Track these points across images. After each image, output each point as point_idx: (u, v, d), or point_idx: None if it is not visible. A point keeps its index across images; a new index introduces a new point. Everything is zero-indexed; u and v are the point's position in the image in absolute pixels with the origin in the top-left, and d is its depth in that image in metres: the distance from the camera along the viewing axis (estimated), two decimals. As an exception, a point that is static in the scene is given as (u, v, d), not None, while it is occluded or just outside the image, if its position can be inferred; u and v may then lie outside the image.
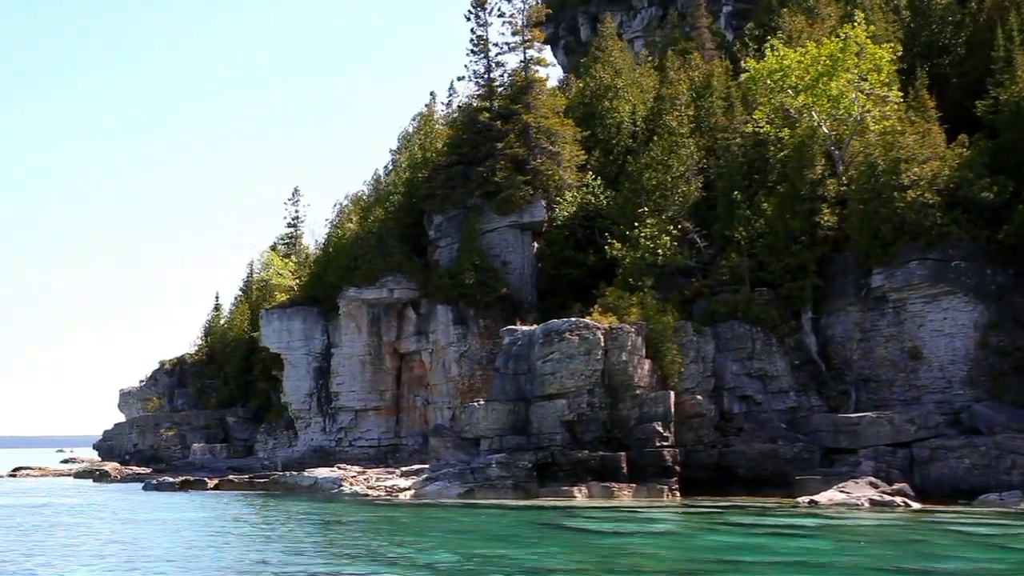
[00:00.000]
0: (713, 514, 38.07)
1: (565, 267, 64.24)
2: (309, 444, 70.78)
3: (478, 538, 31.99)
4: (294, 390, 71.31)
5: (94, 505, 49.50)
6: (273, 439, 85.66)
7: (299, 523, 37.07)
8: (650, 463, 47.10)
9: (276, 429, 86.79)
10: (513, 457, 47.48)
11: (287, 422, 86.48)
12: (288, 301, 72.70)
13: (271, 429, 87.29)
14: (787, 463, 47.31)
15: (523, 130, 66.06)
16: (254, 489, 57.01)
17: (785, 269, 52.98)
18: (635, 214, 58.44)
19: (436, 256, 67.52)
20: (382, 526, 36.15)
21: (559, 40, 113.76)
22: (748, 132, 58.78)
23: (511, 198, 64.70)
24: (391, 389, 68.62)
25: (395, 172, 72.39)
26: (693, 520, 36.23)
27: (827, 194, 53.17)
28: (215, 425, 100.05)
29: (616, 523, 35.19)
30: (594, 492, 45.93)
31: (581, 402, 47.80)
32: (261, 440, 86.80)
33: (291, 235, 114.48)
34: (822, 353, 53.07)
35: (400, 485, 48.45)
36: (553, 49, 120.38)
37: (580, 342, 47.70)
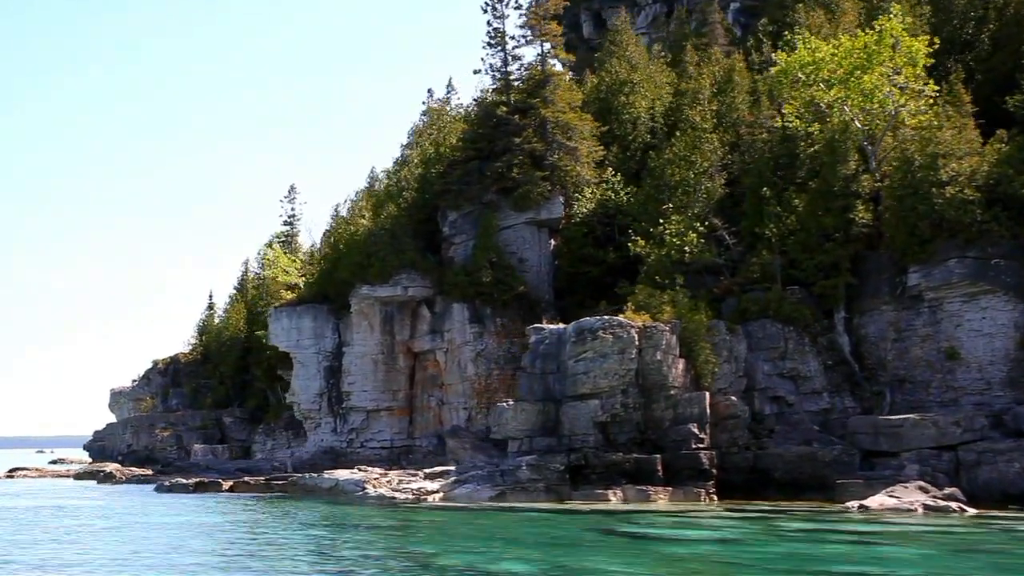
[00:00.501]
0: (766, 519, 36.72)
1: (583, 265, 62.82)
2: (319, 445, 69.19)
3: (541, 545, 30.47)
4: (303, 389, 69.68)
5: (114, 508, 47.76)
6: (272, 440, 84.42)
7: (345, 529, 35.35)
8: (686, 466, 45.76)
9: (275, 430, 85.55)
10: (544, 459, 46.13)
11: (286, 422, 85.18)
12: (297, 299, 70.92)
13: (270, 430, 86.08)
14: (825, 466, 46.02)
15: (540, 125, 64.56)
16: (271, 491, 55.42)
17: (818, 267, 51.70)
18: (658, 211, 57.07)
19: (451, 253, 66.02)
20: (430, 532, 34.55)
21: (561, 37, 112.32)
22: (775, 127, 57.40)
23: (528, 194, 63.28)
24: (404, 389, 67.09)
25: (407, 167, 70.70)
26: (750, 526, 34.75)
27: (861, 190, 51.82)
28: (212, 425, 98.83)
29: (674, 529, 33.73)
30: (629, 495, 44.60)
31: (615, 402, 46.42)
32: (259, 441, 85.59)
33: (287, 233, 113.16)
34: (855, 353, 51.83)
35: (427, 488, 46.88)
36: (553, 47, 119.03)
37: (614, 341, 46.31)
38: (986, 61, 58.67)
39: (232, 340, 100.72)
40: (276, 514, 41.86)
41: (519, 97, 65.50)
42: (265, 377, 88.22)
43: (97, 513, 44.60)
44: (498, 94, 66.79)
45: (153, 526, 37.34)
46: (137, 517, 41.84)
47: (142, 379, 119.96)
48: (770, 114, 59.00)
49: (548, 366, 49.36)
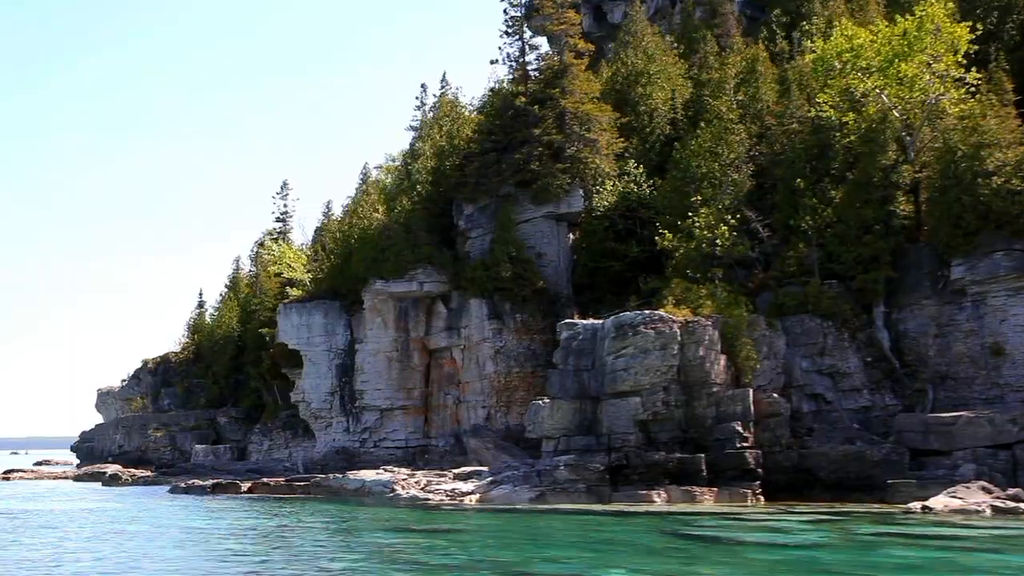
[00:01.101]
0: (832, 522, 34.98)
1: (604, 260, 61.11)
2: (330, 445, 67.28)
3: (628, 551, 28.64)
4: (314, 388, 67.75)
5: (145, 511, 45.57)
6: (269, 440, 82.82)
7: (405, 533, 33.36)
8: (730, 465, 44.17)
9: (272, 430, 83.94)
10: (583, 459, 44.41)
11: (284, 422, 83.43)
12: (308, 295, 68.93)
13: (266, 430, 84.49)
14: (874, 466, 44.50)
15: (559, 116, 62.81)
16: (293, 493, 53.53)
17: (856, 260, 50.10)
18: (684, 204, 55.45)
19: (466, 248, 64.29)
20: (495, 536, 32.61)
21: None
22: (807, 117, 55.79)
23: (548, 187, 61.58)
24: (419, 387, 65.25)
25: (421, 160, 68.77)
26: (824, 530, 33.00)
27: (902, 181, 50.31)
28: (206, 425, 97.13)
29: (748, 532, 31.94)
30: (673, 496, 43.01)
31: (656, 400, 44.76)
32: (255, 441, 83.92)
33: (280, 230, 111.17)
34: (894, 349, 50.21)
35: (460, 489, 45.08)
36: (550, 41, 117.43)
37: (656, 336, 44.63)
38: (1016, 51, 57.11)
39: (225, 339, 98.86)
40: (321, 518, 39.88)
41: (536, 87, 63.61)
42: (260, 376, 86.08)
43: (132, 517, 42.34)
44: (515, 84, 64.80)
45: (204, 531, 35.19)
46: (178, 520, 39.71)
47: (132, 379, 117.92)
48: (799, 104, 57.26)
49: (582, 362, 47.66)
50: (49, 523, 40.06)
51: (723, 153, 56.71)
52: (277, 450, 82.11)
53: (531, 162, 61.25)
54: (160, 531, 35.59)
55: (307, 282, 75.10)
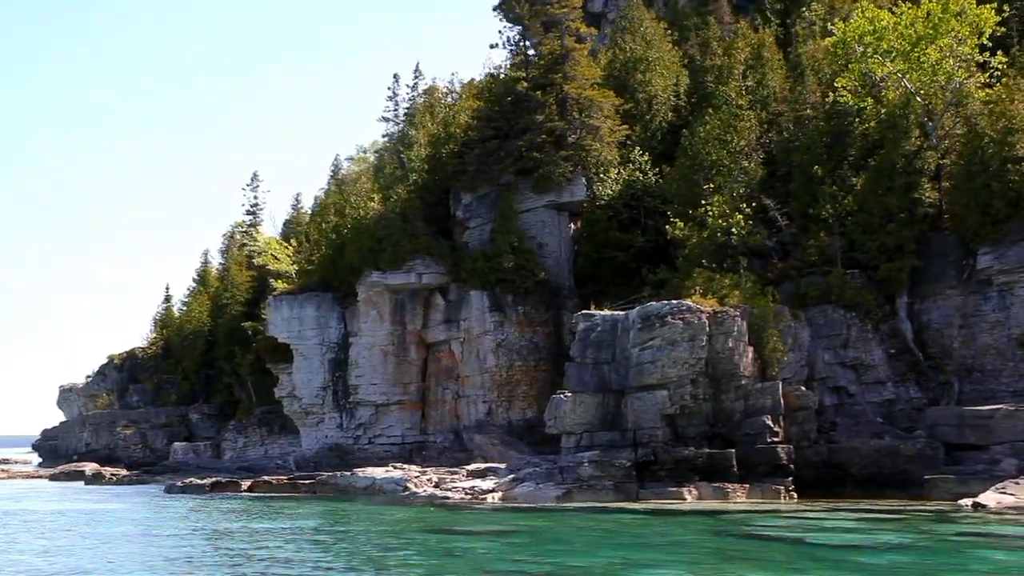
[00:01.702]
0: (891, 520, 33.27)
1: (607, 250, 59.31)
2: (322, 442, 65.02)
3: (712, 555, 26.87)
4: (305, 383, 65.47)
5: (152, 512, 43.19)
6: (244, 437, 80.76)
7: (456, 537, 31.16)
8: (761, 461, 42.50)
9: (247, 427, 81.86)
10: (608, 455, 42.51)
11: (259, 419, 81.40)
12: (299, 287, 66.63)
13: (241, 427, 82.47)
14: (908, 461, 42.92)
15: (561, 102, 60.96)
16: (297, 492, 51.36)
17: (880, 249, 48.55)
18: (694, 192, 53.83)
19: (465, 238, 62.36)
20: (552, 538, 30.52)
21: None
22: (823, 103, 54.23)
23: (550, 175, 59.80)
24: (416, 382, 63.15)
25: (416, 148, 66.59)
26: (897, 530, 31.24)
27: (926, 167, 48.83)
28: (177, 423, 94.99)
29: (814, 532, 30.11)
30: (704, 493, 41.29)
31: (684, 393, 43.00)
32: (230, 438, 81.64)
33: (250, 223, 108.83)
34: (917, 341, 48.69)
35: (481, 486, 43.18)
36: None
37: (684, 327, 42.86)
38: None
39: (195, 334, 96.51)
40: (355, 519, 37.69)
41: (537, 73, 61.66)
42: (234, 372, 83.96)
43: (141, 519, 39.99)
44: (516, 69, 62.80)
45: (240, 534, 32.93)
46: (199, 523, 37.27)
47: (97, 375, 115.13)
48: (813, 89, 55.72)
49: (602, 355, 45.89)
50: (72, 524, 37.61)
51: (733, 140, 55.07)
52: (252, 447, 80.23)
53: (533, 149, 59.35)
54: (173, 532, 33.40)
55: (292, 274, 72.87)
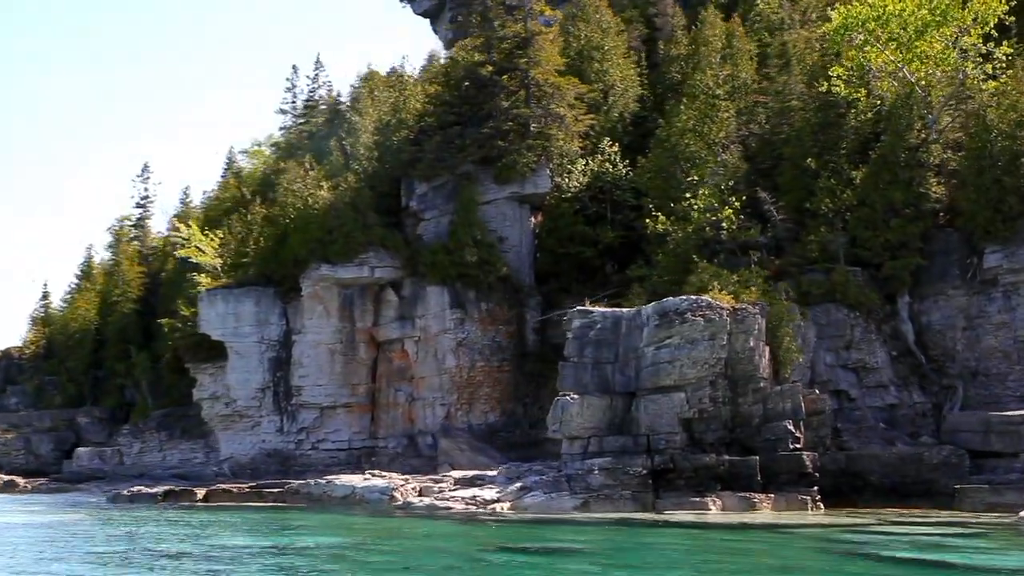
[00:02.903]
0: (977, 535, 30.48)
1: (573, 245, 56.23)
2: (258, 447, 60.58)
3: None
4: (241, 384, 60.96)
5: (124, 526, 38.08)
6: (140, 442, 75.98)
7: (513, 552, 27.55)
8: (784, 469, 39.50)
9: (143, 431, 77.25)
10: (621, 462, 39.25)
11: (159, 423, 77.09)
12: (236, 280, 62.05)
13: (137, 431, 77.76)
14: (932, 469, 40.40)
15: (524, 88, 57.63)
16: (262, 500, 47.07)
17: (884, 246, 46.23)
18: (669, 185, 51.18)
19: (419, 231, 58.72)
20: (642, 559, 26.92)
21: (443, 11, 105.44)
22: (814, 93, 51.87)
23: (514, 165, 56.43)
24: (366, 383, 59.19)
25: (363, 135, 62.43)
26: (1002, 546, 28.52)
27: (931, 161, 46.68)
28: (64, 427, 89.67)
29: (912, 550, 26.86)
30: (728, 504, 38.16)
31: (703, 396, 39.90)
32: (124, 444, 76.78)
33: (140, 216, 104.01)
34: (918, 343, 46.52)
35: (483, 496, 39.66)
36: (433, 24, 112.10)
37: (705, 324, 39.79)
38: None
39: (82, 333, 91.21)
40: (367, 533, 33.42)
41: (500, 57, 58.15)
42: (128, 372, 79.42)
43: (118, 533, 34.96)
44: (478, 53, 59.16)
45: (252, 552, 28.85)
46: (216, 540, 32.36)
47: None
48: (800, 79, 53.38)
49: (603, 354, 42.64)
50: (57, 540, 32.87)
51: (710, 132, 52.49)
52: (150, 453, 75.53)
53: (498, 138, 55.96)
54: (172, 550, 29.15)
55: (218, 268, 68.29)
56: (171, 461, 75.19)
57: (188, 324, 68.69)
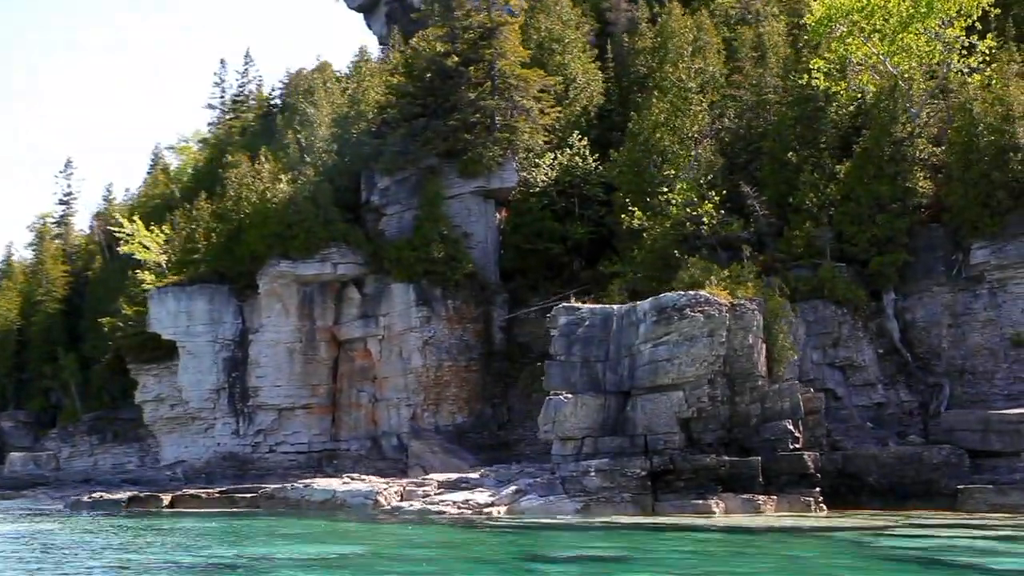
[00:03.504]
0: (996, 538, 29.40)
1: (541, 241, 54.83)
2: (213, 450, 58.39)
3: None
4: (194, 385, 58.67)
5: (104, 535, 35.83)
6: (69, 447, 73.80)
7: (549, 561, 25.93)
8: (785, 470, 38.40)
9: (73, 435, 75.17)
10: (618, 463, 37.90)
11: (89, 426, 74.88)
12: (188, 277, 59.73)
13: (66, 435, 75.66)
14: (933, 470, 39.49)
15: (490, 80, 56.09)
16: (234, 505, 45.05)
17: (871, 241, 45.35)
18: (643, 180, 50.07)
19: (381, 226, 56.97)
20: (692, 567, 25.56)
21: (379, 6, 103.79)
22: (785, 86, 50.99)
23: (480, 159, 54.87)
24: (326, 383, 57.24)
25: (319, 127, 60.33)
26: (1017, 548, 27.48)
27: (917, 155, 45.89)
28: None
29: (989, 557, 25.93)
30: (731, 506, 36.95)
31: (701, 395, 38.66)
32: (52, 448, 74.58)
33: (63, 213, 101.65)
34: (903, 340, 45.69)
35: (476, 500, 38.07)
36: (368, 19, 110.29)
37: (704, 321, 38.54)
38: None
39: (3, 334, 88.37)
40: (369, 539, 31.59)
41: (465, 47, 56.47)
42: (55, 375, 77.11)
43: (115, 543, 32.45)
44: (440, 43, 57.40)
45: (295, 562, 26.88)
46: (224, 550, 30.39)
47: None
48: (776, 71, 52.42)
49: (592, 352, 41.32)
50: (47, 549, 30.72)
51: (683, 126, 51.43)
52: (80, 458, 73.37)
53: (464, 130, 54.37)
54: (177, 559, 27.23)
55: (163, 265, 65.96)
56: (103, 466, 73.35)
57: (130, 324, 66.40)
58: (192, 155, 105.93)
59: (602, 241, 54.39)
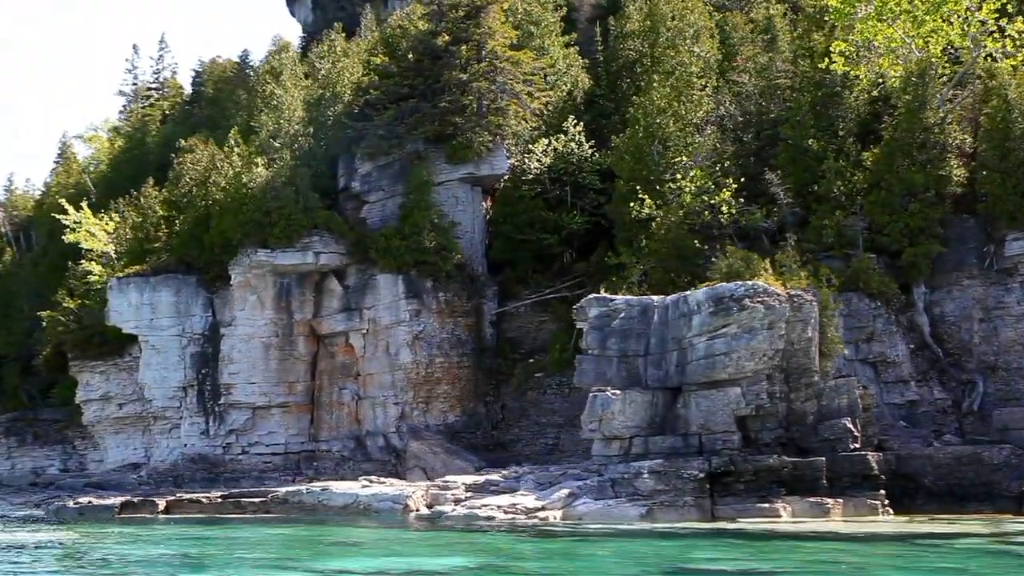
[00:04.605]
0: None
1: (533, 231, 52.10)
2: (180, 452, 54.51)
3: None
4: (158, 382, 54.68)
5: (117, 544, 32.20)
6: (3, 445, 69.91)
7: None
8: (848, 471, 36.16)
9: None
10: (673, 464, 35.31)
11: (6, 428, 71.58)
12: (151, 268, 55.67)
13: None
14: (994, 471, 37.66)
15: (478, 61, 53.16)
16: (242, 511, 41.53)
17: (903, 232, 43.35)
18: (647, 167, 47.73)
19: (363, 214, 53.78)
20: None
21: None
22: (799, 71, 48.98)
23: (470, 144, 51.93)
24: (304, 380, 53.73)
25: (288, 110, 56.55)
26: None
27: (950, 142, 44.06)
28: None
29: None
30: (798, 509, 34.57)
31: (759, 391, 36.23)
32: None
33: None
34: (933, 335, 43.85)
35: (524, 504, 35.16)
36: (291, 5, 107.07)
37: (765, 312, 36.10)
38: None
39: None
40: (459, 551, 28.33)
41: (452, 27, 53.36)
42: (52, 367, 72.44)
43: (166, 554, 29.01)
44: (426, 22, 54.21)
45: None
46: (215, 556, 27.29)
47: None
48: (786, 55, 50.41)
49: (631, 346, 38.77)
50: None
51: (687, 111, 49.24)
52: (17, 460, 69.39)
53: (454, 113, 51.42)
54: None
55: (112, 255, 61.90)
56: (22, 469, 69.28)
57: (70, 318, 62.38)
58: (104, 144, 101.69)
59: (597, 231, 51.81)
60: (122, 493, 48.73)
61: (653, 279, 44.73)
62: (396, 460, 49.77)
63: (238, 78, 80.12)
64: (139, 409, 59.38)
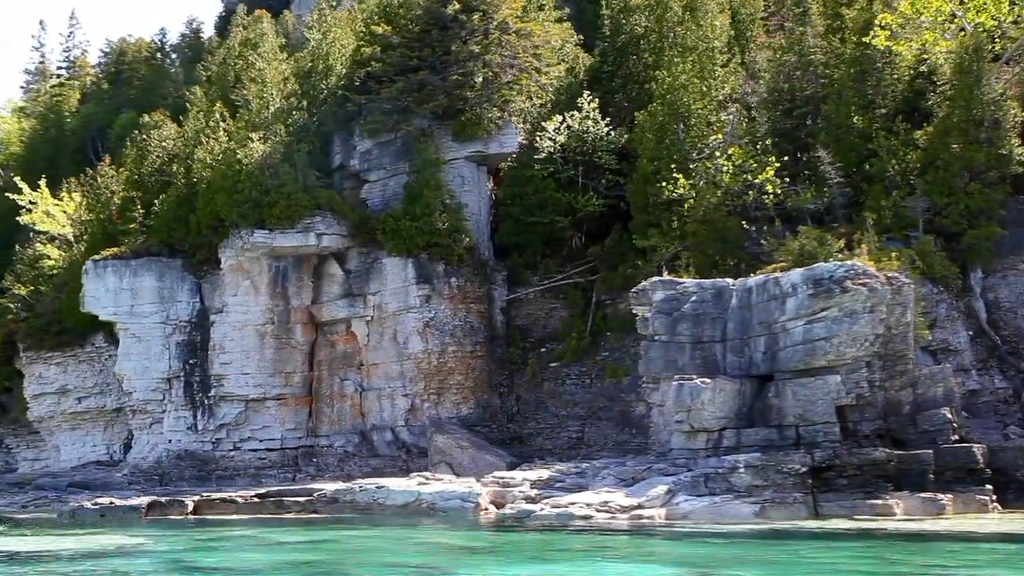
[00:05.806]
0: None
1: (544, 214, 49.23)
2: (163, 448, 50.43)
3: None
4: (139, 373, 50.49)
5: (169, 549, 28.42)
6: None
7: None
8: (951, 465, 33.83)
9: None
10: (772, 458, 32.70)
11: None
12: (131, 250, 51.41)
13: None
14: (1092, 464, 35.57)
15: (486, 33, 50.06)
16: (283, 511, 37.90)
17: (963, 214, 41.33)
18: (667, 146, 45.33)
19: (362, 194, 50.39)
20: None
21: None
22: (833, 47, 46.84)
23: (479, 121, 48.83)
24: (302, 371, 50.08)
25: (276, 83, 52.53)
26: None
27: (1011, 120, 42.16)
28: None
29: None
30: (909, 506, 32.18)
31: (859, 379, 33.78)
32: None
33: None
34: (989, 321, 42.00)
35: (618, 503, 32.22)
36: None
37: (868, 295, 33.62)
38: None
39: None
40: (648, 559, 25.21)
41: (457, -5, 50.03)
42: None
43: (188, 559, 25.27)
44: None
45: None
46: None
47: None
48: (818, 29, 48.21)
49: (705, 332, 36.12)
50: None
51: (713, 88, 46.87)
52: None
53: (464, 87, 48.25)
54: None
55: (70, 238, 57.56)
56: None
57: (19, 305, 58.00)
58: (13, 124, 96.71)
59: (611, 214, 49.11)
60: (108, 493, 44.75)
61: (694, 262, 42.02)
62: (407, 456, 46.54)
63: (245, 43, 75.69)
64: (101, 403, 55.34)
